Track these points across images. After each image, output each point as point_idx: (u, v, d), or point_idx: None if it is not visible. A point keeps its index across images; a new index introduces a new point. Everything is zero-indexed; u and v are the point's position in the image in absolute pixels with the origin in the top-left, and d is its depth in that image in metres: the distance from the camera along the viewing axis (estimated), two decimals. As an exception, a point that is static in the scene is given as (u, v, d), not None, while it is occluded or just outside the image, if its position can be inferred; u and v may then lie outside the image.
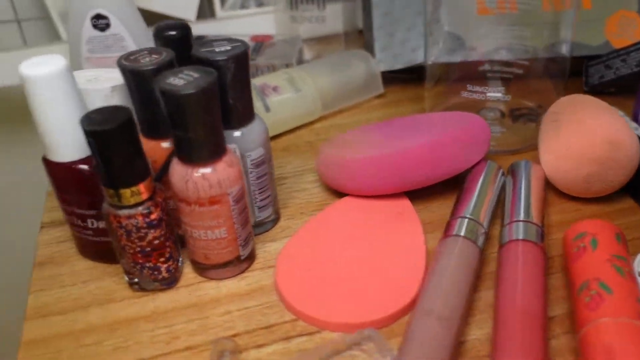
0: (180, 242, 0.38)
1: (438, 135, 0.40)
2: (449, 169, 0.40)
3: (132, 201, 0.33)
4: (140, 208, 0.33)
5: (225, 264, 0.37)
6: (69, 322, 0.34)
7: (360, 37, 0.65)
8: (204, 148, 0.32)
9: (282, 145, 0.51)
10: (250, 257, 0.38)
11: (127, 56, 0.34)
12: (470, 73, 0.49)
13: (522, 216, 0.36)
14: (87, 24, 0.51)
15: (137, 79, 0.33)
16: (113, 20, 0.51)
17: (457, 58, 0.51)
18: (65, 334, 0.34)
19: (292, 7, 0.61)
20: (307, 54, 0.63)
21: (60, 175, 0.35)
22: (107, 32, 0.51)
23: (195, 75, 0.31)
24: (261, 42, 0.61)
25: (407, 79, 0.58)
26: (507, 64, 0.47)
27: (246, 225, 0.36)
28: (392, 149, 0.40)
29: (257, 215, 0.40)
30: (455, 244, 0.35)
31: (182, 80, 0.31)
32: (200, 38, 0.62)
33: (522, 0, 0.46)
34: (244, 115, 0.37)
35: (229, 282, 0.37)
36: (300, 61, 0.61)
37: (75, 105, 0.34)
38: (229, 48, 0.35)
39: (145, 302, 0.36)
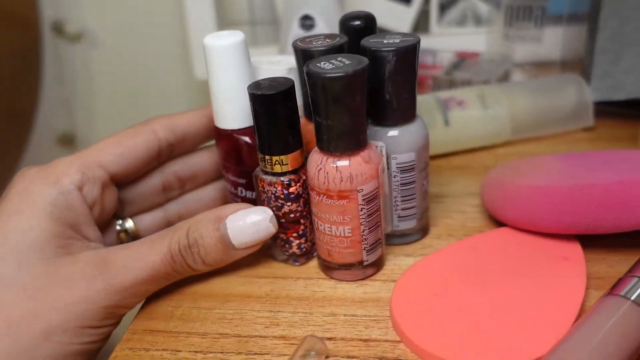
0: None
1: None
2: (642, 218, 0.32)
3: (277, 169, 0.33)
4: (281, 178, 0.33)
5: (347, 266, 0.34)
6: (195, 284, 0.36)
7: (580, 66, 0.56)
8: (341, 138, 0.31)
9: (455, 163, 0.47)
10: (376, 265, 0.35)
11: (303, 39, 0.35)
12: None
13: None
14: (295, 24, 0.54)
15: (305, 59, 0.34)
16: (318, 21, 0.53)
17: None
18: (188, 294, 0.35)
19: (507, 24, 0.56)
20: (516, 78, 0.57)
21: (223, 141, 0.37)
22: (312, 32, 0.54)
23: (347, 61, 0.30)
24: (462, 59, 0.58)
25: (625, 113, 0.48)
26: None
27: (375, 230, 0.34)
28: (573, 181, 0.33)
29: (396, 224, 0.37)
30: (618, 305, 0.27)
31: (331, 65, 0.30)
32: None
33: None
34: (401, 114, 0.34)
35: (347, 286, 0.35)
36: (503, 81, 0.55)
37: (245, 77, 0.35)
38: (397, 41, 0.33)
39: (263, 284, 0.35)
